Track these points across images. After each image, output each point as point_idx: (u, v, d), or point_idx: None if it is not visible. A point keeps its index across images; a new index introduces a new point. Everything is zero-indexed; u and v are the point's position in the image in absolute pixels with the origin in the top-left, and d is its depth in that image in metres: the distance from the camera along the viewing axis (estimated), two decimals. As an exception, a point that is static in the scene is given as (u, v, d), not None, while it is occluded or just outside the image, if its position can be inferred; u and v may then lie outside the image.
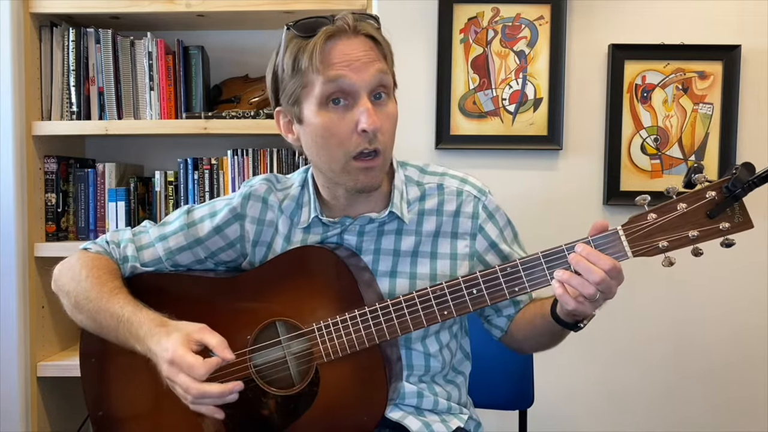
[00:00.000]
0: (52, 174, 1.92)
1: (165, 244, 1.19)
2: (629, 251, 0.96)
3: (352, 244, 1.13)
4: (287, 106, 1.07)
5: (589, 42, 1.94)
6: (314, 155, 1.07)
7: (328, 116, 1.01)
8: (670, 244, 0.95)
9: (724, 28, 1.91)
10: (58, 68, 1.91)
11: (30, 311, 1.86)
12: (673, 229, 0.95)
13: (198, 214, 1.20)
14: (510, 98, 1.94)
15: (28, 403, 1.85)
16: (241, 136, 1.95)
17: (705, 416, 1.98)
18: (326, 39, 0.99)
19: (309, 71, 1.00)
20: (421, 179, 1.17)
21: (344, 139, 1.01)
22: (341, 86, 1.00)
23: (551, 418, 1.97)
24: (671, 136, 1.94)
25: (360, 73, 0.99)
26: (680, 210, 0.95)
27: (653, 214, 0.96)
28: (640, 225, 0.96)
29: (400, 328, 1.03)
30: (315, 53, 0.99)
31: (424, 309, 1.02)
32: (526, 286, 1.00)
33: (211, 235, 1.18)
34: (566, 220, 1.95)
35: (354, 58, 1.00)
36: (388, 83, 1.04)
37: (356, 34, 1.01)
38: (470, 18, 1.93)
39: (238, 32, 2.11)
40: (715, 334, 1.96)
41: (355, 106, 1.00)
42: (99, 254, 1.20)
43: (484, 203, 1.16)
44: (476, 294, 1.00)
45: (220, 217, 1.18)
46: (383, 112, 1.03)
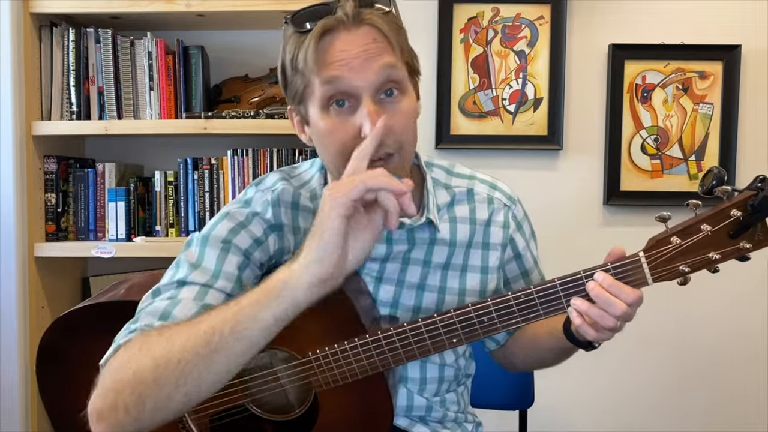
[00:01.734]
0: (52, 174, 1.92)
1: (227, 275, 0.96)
2: (650, 278, 0.91)
3: (381, 253, 1.02)
4: (294, 105, 0.98)
5: (589, 42, 1.94)
6: (326, 159, 0.98)
7: (330, 121, 0.91)
8: (691, 268, 0.90)
9: (724, 28, 1.91)
10: (58, 68, 1.91)
11: (30, 311, 1.86)
12: (694, 251, 0.90)
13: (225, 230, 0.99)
14: (510, 98, 1.94)
15: (28, 403, 1.85)
16: (241, 136, 1.95)
17: (705, 416, 1.98)
18: (321, 35, 0.88)
19: (306, 72, 0.90)
20: (449, 182, 1.09)
21: (348, 146, 0.89)
22: (340, 88, 0.89)
23: (551, 418, 1.97)
24: (671, 136, 1.94)
25: (361, 72, 0.88)
26: (704, 231, 0.89)
27: (676, 237, 0.90)
28: (662, 250, 0.91)
29: (406, 356, 0.95)
30: (308, 52, 0.88)
31: (432, 338, 0.94)
32: (541, 314, 0.93)
33: (254, 248, 1.00)
34: (566, 220, 1.95)
35: (353, 55, 0.88)
36: (399, 77, 0.92)
37: (357, 25, 0.89)
38: (470, 18, 1.92)
39: (238, 32, 2.11)
40: (715, 334, 1.96)
41: (359, 108, 0.90)
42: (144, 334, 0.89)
43: (513, 212, 1.11)
44: (487, 322, 0.93)
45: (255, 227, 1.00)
46: (394, 110, 0.91)
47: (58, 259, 1.92)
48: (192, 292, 0.93)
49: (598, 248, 2.00)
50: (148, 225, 2.00)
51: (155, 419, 0.84)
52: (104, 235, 1.96)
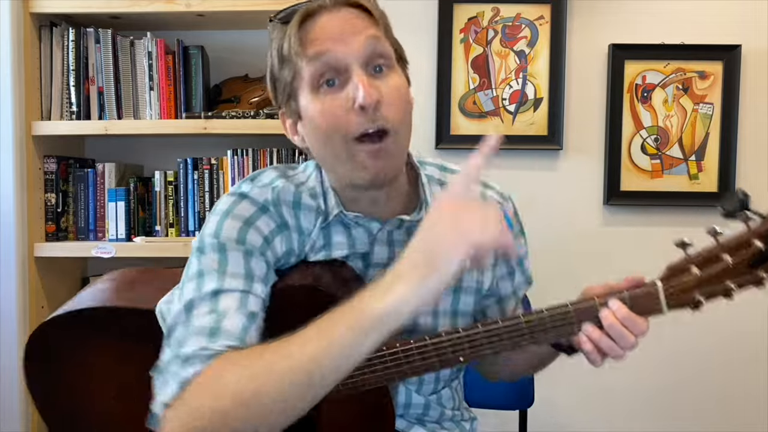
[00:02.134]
0: (52, 174, 1.92)
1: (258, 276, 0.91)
2: (665, 308, 0.89)
3: (383, 257, 0.98)
4: (285, 105, 0.95)
5: (589, 42, 1.93)
6: (320, 152, 0.93)
7: (322, 101, 0.88)
8: (706, 299, 0.89)
9: (724, 28, 1.91)
10: (57, 68, 1.91)
11: (30, 311, 1.86)
12: (712, 281, 0.88)
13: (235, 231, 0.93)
14: (510, 98, 1.94)
15: (28, 403, 1.85)
16: (241, 136, 1.95)
17: (705, 416, 1.98)
18: (304, 18, 0.87)
19: (293, 57, 0.87)
20: (443, 178, 1.06)
21: (342, 120, 0.86)
22: (327, 62, 0.86)
23: (551, 418, 1.97)
24: (671, 136, 1.94)
25: (346, 44, 0.86)
26: (725, 262, 0.86)
27: (696, 269, 0.87)
28: (681, 281, 0.88)
29: (411, 371, 0.91)
30: (292, 36, 0.86)
31: (440, 355, 0.90)
32: (551, 335, 0.91)
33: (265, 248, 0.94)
34: (566, 220, 1.95)
35: (337, 30, 0.86)
36: (386, 52, 0.89)
37: (338, 7, 0.88)
38: (470, 18, 1.92)
39: (238, 32, 2.11)
40: (715, 334, 1.96)
41: (350, 82, 0.86)
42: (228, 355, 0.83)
43: (505, 210, 1.10)
44: (496, 342, 0.90)
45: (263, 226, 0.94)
46: (385, 83, 0.88)
47: (58, 259, 1.92)
48: (233, 301, 0.87)
49: (598, 248, 2.02)
50: (148, 225, 2.01)
51: None
52: (104, 235, 1.96)
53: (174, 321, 0.88)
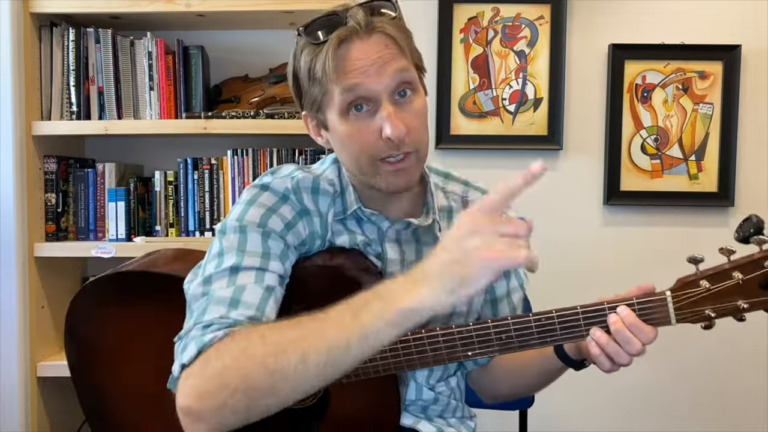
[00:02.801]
0: (52, 174, 1.92)
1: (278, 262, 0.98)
2: (674, 319, 0.92)
3: (396, 256, 1.04)
4: (311, 112, 1.01)
5: (589, 42, 1.94)
6: (344, 159, 1.02)
7: (351, 125, 0.95)
8: (716, 314, 0.91)
9: (724, 28, 1.91)
10: (58, 68, 1.91)
11: (30, 311, 1.86)
12: (722, 297, 0.90)
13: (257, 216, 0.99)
14: (510, 98, 1.94)
15: (28, 403, 1.85)
16: (241, 136, 1.95)
17: (705, 416, 1.98)
18: (338, 45, 0.92)
19: (325, 81, 0.94)
20: (446, 186, 1.13)
21: (370, 146, 0.95)
22: (359, 94, 0.93)
23: (551, 418, 1.97)
24: (671, 136, 1.94)
25: (377, 77, 0.93)
26: (735, 279, 0.89)
27: (706, 282, 0.89)
28: (691, 293, 0.90)
29: (420, 363, 0.95)
30: (328, 62, 0.92)
31: (448, 348, 0.94)
32: (559, 338, 0.93)
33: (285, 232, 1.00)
34: (566, 220, 1.95)
35: (369, 62, 0.93)
36: (411, 78, 0.97)
37: (369, 34, 0.94)
38: (470, 18, 1.92)
39: (238, 32, 2.11)
40: (715, 334, 1.96)
41: (378, 111, 0.94)
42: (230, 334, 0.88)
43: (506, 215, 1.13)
44: (505, 339, 0.93)
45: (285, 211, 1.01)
46: (410, 110, 0.96)
47: (58, 259, 1.92)
48: (250, 277, 0.93)
49: (598, 248, 2.02)
50: (148, 225, 2.01)
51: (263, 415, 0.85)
52: (104, 235, 1.96)
53: (194, 294, 0.94)
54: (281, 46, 2.10)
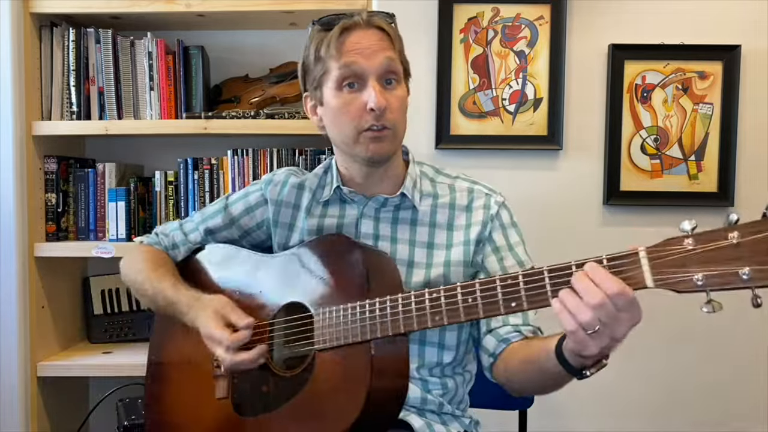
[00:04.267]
0: (52, 174, 1.92)
1: (205, 225, 1.34)
2: (649, 279, 0.79)
3: (369, 232, 1.20)
4: (312, 91, 1.20)
5: (589, 42, 1.93)
6: (333, 131, 1.19)
7: (342, 97, 1.13)
8: (707, 281, 0.75)
9: (724, 28, 1.91)
10: (58, 68, 1.91)
11: (30, 311, 1.86)
12: (716, 262, 0.74)
13: (234, 197, 1.34)
14: (510, 98, 1.94)
15: (28, 403, 1.85)
16: (241, 136, 1.95)
17: (705, 416, 1.98)
18: (342, 31, 1.12)
19: (327, 58, 1.13)
20: (435, 177, 1.26)
21: (356, 116, 1.12)
22: (353, 70, 1.11)
23: (551, 418, 1.97)
24: (671, 136, 1.94)
25: (369, 60, 1.11)
26: (729, 240, 0.73)
27: (690, 239, 0.76)
28: (670, 249, 0.77)
29: (392, 327, 0.99)
30: (332, 43, 1.11)
31: (418, 311, 0.98)
32: (524, 301, 0.88)
33: (243, 214, 1.32)
34: (566, 221, 1.95)
35: (365, 46, 1.12)
36: (397, 69, 1.15)
37: (369, 27, 1.13)
38: (470, 18, 1.92)
39: (238, 32, 2.11)
40: (715, 334, 1.96)
41: (365, 88, 1.12)
42: (151, 245, 1.38)
43: (495, 198, 1.22)
44: (471, 303, 0.93)
45: (251, 198, 1.31)
46: (392, 95, 1.13)
47: (58, 259, 1.92)
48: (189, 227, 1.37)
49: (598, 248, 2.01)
50: (148, 225, 2.01)
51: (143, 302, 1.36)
52: (104, 235, 1.96)
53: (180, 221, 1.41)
54: (281, 46, 2.11)
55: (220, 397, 1.16)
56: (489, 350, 1.15)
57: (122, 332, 2.07)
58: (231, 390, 1.16)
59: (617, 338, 0.84)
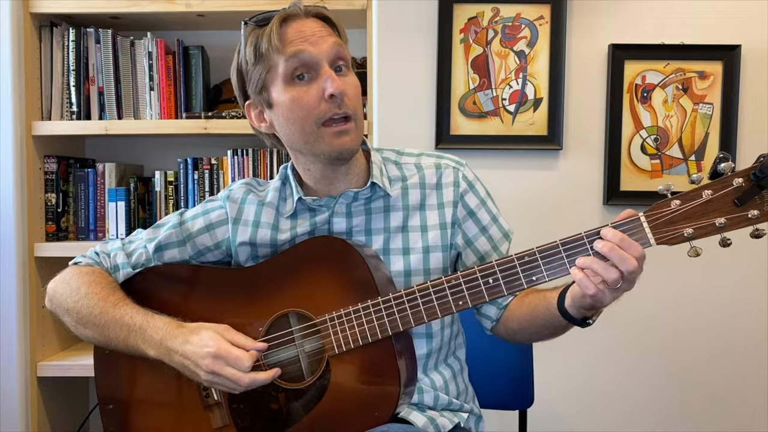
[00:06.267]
0: (52, 174, 1.92)
1: (155, 242, 1.19)
2: (652, 239, 0.94)
3: (342, 228, 1.14)
4: (255, 96, 1.11)
5: (589, 42, 1.93)
6: (289, 134, 1.10)
7: (295, 90, 1.06)
8: (695, 232, 0.92)
9: (724, 28, 1.91)
10: (58, 68, 1.91)
11: (30, 311, 1.86)
12: (698, 216, 0.92)
13: (191, 213, 1.22)
14: (510, 98, 1.94)
15: (28, 403, 1.86)
16: (241, 136, 1.95)
17: (705, 416, 1.98)
18: (281, 22, 1.06)
19: (270, 53, 1.05)
20: (399, 160, 1.20)
21: (313, 108, 1.05)
22: (303, 60, 1.05)
23: (551, 418, 1.97)
24: (671, 136, 1.94)
25: (318, 45, 1.05)
26: (705, 197, 0.92)
27: (677, 200, 0.93)
28: (663, 211, 0.93)
29: (414, 318, 1.01)
30: (273, 35, 1.05)
31: (439, 299, 1.01)
32: (545, 275, 0.97)
33: (202, 232, 1.19)
34: (566, 220, 1.95)
35: (309, 33, 1.06)
36: (346, 56, 1.09)
37: (308, 16, 1.08)
38: (470, 18, 1.92)
39: (238, 32, 2.10)
40: (715, 334, 1.96)
41: (319, 77, 1.05)
42: (90, 267, 1.20)
43: (463, 173, 1.18)
44: (492, 284, 0.99)
45: (212, 216, 1.20)
46: (346, 81, 1.07)
47: (58, 259, 1.92)
48: (132, 246, 1.21)
49: (598, 248, 1.95)
50: (148, 225, 1.99)
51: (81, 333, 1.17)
52: (104, 235, 1.96)
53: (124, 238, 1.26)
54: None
55: (219, 426, 1.09)
56: (491, 317, 1.19)
57: (122, 332, 2.07)
58: (231, 416, 1.09)
59: (632, 287, 0.95)
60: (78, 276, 1.16)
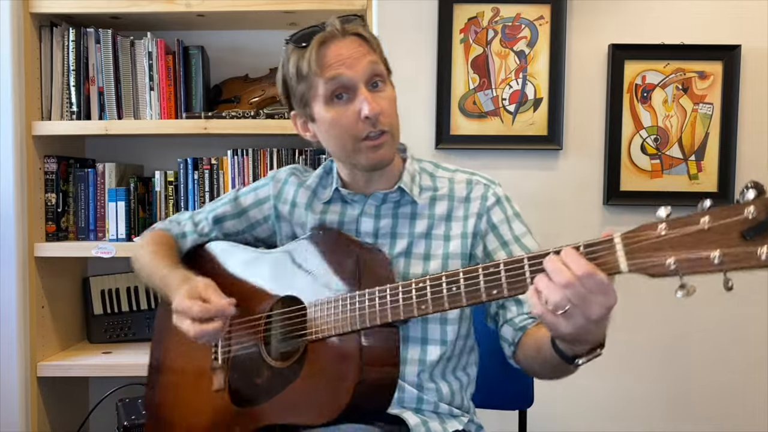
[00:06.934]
0: (52, 174, 1.92)
1: (215, 213, 1.36)
2: (624, 264, 0.81)
3: (369, 229, 1.21)
4: (299, 109, 1.19)
5: (589, 42, 1.94)
6: (330, 146, 1.19)
7: (334, 111, 1.13)
8: (680, 265, 0.76)
9: (724, 28, 1.91)
10: (58, 68, 1.91)
11: (30, 311, 1.86)
12: (688, 246, 0.75)
13: (244, 189, 1.37)
14: (510, 98, 1.94)
15: (28, 403, 1.85)
16: (241, 136, 1.95)
17: (704, 416, 1.98)
18: (320, 45, 1.12)
19: (311, 75, 1.12)
20: (435, 172, 1.26)
21: (351, 127, 1.12)
22: (341, 82, 1.11)
23: (551, 418, 1.97)
24: (671, 136, 1.94)
25: (354, 68, 1.11)
26: (701, 225, 0.74)
27: (664, 224, 0.77)
28: (644, 235, 0.78)
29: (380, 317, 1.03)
30: (312, 59, 1.11)
31: (405, 301, 1.01)
32: (504, 288, 0.91)
33: (252, 206, 1.34)
34: (566, 220, 1.95)
35: (346, 56, 1.11)
36: (381, 71, 1.15)
37: (345, 35, 1.13)
38: (470, 18, 1.92)
39: (238, 32, 2.11)
40: (715, 334, 1.96)
41: (356, 98, 1.11)
42: (162, 230, 1.39)
43: (494, 190, 1.22)
44: (455, 291, 0.96)
45: (260, 192, 1.34)
46: (382, 97, 1.14)
47: (58, 259, 1.92)
48: (199, 216, 1.39)
49: (598, 248, 1.95)
50: (148, 225, 2.00)
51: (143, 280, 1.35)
52: (104, 235, 1.96)
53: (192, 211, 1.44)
54: (281, 46, 2.10)
55: (216, 389, 1.18)
56: (508, 340, 1.17)
57: (122, 332, 2.07)
58: (228, 382, 1.19)
59: (592, 319, 0.83)
60: (148, 237, 1.38)
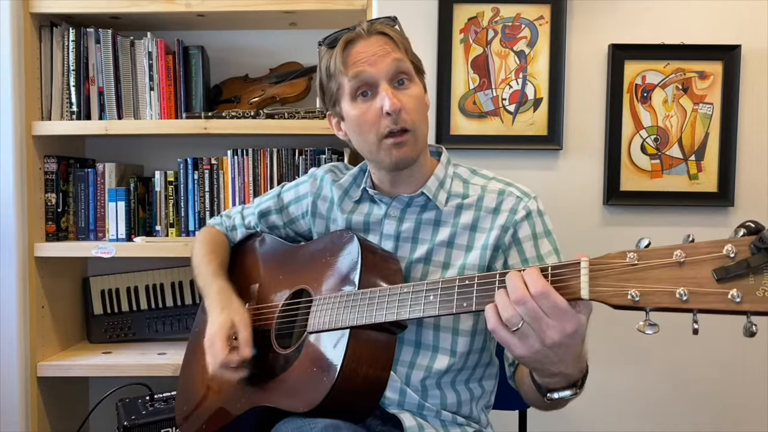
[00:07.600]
0: (52, 174, 1.92)
1: (260, 208, 1.43)
2: (585, 290, 0.78)
3: (392, 232, 1.22)
4: (332, 109, 1.23)
5: (589, 42, 1.93)
6: (357, 143, 1.22)
7: (359, 107, 1.16)
8: (643, 298, 0.72)
9: (724, 28, 1.91)
10: (58, 68, 1.91)
11: (30, 311, 1.86)
12: (655, 280, 0.71)
13: (288, 185, 1.43)
14: (510, 98, 1.94)
15: (28, 403, 1.86)
16: (241, 136, 1.95)
17: (705, 416, 1.98)
18: (345, 45, 1.16)
19: (338, 74, 1.16)
20: (469, 179, 1.26)
21: (374, 123, 1.14)
22: (364, 80, 1.14)
23: (551, 418, 1.96)
24: (671, 136, 1.94)
25: (376, 65, 1.13)
26: (674, 258, 0.70)
27: (634, 254, 0.74)
28: (612, 263, 0.76)
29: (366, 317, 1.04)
30: (338, 58, 1.15)
31: (389, 304, 1.03)
32: (473, 302, 0.90)
33: (293, 203, 1.40)
34: (566, 221, 1.95)
35: (370, 54, 1.14)
36: (407, 69, 1.17)
37: (370, 35, 1.16)
38: (470, 18, 1.92)
39: (238, 32, 2.11)
40: (715, 334, 1.96)
41: (378, 94, 1.14)
42: (214, 227, 1.50)
43: (526, 203, 1.19)
44: (431, 300, 0.97)
45: (300, 188, 1.40)
46: (406, 94, 1.15)
47: (58, 259, 1.92)
48: (247, 210, 1.47)
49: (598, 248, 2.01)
50: (148, 225, 2.01)
51: None
52: (104, 235, 1.96)
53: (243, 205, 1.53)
54: (281, 46, 2.11)
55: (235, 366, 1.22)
56: (509, 359, 1.20)
57: (122, 332, 2.07)
58: None
59: (546, 343, 0.82)
60: (202, 234, 1.48)
